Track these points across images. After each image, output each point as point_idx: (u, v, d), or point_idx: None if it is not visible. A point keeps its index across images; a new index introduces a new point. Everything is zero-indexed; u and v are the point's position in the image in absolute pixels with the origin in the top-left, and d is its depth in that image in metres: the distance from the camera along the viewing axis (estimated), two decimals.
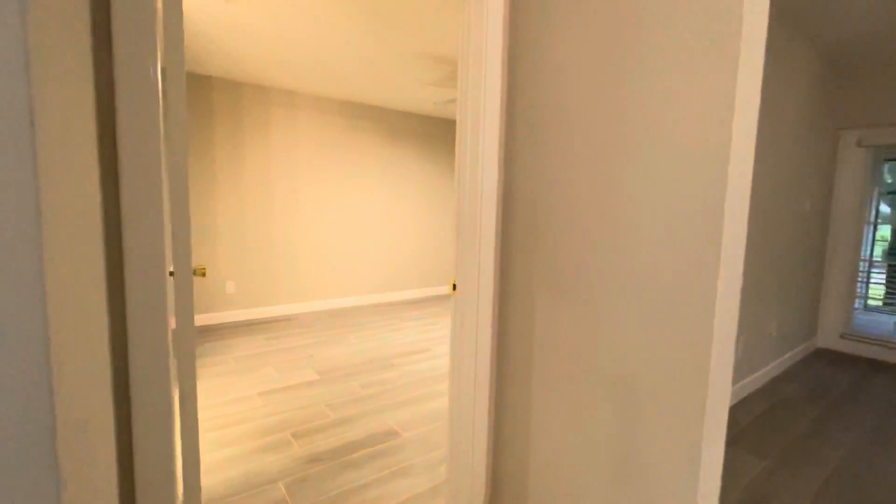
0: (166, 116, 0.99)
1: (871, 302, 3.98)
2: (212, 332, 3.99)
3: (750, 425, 2.46)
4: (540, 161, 1.41)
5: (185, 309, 1.08)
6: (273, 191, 4.52)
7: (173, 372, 1.03)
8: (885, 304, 3.97)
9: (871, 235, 3.91)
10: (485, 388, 1.55)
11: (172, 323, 1.06)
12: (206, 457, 2.00)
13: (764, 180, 2.81)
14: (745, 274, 2.72)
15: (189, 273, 1.06)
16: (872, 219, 3.90)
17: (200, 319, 4.21)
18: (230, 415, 2.42)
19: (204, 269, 1.30)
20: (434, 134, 5.76)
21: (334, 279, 5.06)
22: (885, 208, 3.95)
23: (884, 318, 3.95)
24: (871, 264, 3.93)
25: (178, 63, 1.02)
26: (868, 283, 3.94)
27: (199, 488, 1.14)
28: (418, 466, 1.98)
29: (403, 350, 3.64)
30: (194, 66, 3.80)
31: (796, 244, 3.37)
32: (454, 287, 1.59)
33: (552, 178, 1.37)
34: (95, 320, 0.72)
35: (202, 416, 2.40)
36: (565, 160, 1.33)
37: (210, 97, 4.08)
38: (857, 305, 3.95)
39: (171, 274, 1.06)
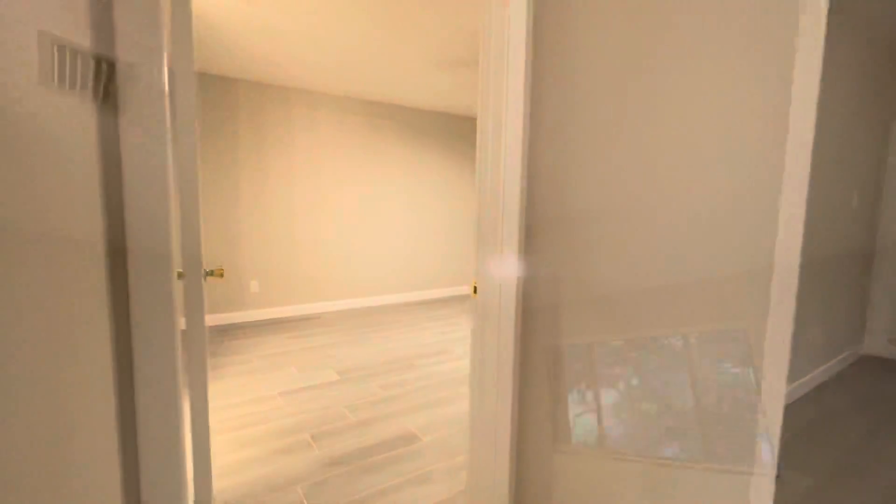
0: (174, 118, 0.97)
1: None
2: (236, 331, 4.05)
3: (794, 438, 2.30)
4: (566, 160, 1.33)
5: (196, 311, 1.05)
6: (295, 191, 4.56)
7: (182, 375, 1.00)
8: None
9: None
10: (507, 393, 1.48)
11: (182, 325, 1.04)
12: (226, 458, 2.00)
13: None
14: None
15: (199, 274, 1.03)
16: None
17: (225, 318, 4.29)
18: (251, 414, 2.43)
19: (222, 269, 1.28)
20: (456, 132, 5.70)
21: (357, 278, 5.07)
22: None
23: None
24: None
25: (187, 63, 0.99)
26: None
27: (210, 494, 1.12)
28: (438, 472, 1.93)
29: (425, 351, 3.60)
30: (217, 68, 3.86)
31: (842, 242, 3.14)
32: (475, 290, 1.53)
33: (579, 178, 1.29)
34: (91, 324, 0.70)
35: (224, 415, 2.41)
36: (595, 159, 1.25)
37: (233, 99, 4.14)
38: None
39: (181, 275, 1.04)
